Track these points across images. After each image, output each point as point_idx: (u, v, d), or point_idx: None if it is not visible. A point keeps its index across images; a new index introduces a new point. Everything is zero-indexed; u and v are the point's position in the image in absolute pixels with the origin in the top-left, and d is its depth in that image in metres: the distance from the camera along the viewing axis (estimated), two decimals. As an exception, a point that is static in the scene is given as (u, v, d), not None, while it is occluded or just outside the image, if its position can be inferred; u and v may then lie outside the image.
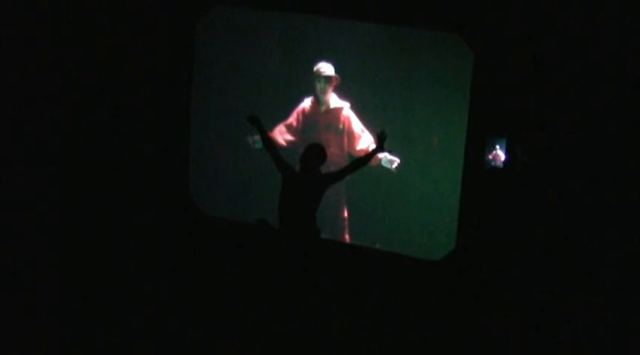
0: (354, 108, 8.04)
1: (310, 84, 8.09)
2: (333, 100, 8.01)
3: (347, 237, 8.25)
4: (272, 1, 8.08)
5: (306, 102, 8.10)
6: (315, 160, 7.05)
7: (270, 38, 8.35)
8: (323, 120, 8.04)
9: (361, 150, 7.91)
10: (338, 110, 8.01)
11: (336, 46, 8.11)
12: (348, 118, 7.99)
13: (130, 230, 8.18)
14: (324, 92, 7.95)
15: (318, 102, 8.03)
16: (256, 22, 8.33)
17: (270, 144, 7.20)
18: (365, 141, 7.95)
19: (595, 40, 6.99)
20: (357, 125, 7.97)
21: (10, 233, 7.29)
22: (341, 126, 8.00)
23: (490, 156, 7.47)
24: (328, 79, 7.91)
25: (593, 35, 6.99)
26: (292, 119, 8.12)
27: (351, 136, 7.99)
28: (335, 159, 7.87)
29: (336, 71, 7.97)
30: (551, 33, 7.13)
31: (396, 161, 7.78)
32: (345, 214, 8.19)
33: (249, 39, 8.38)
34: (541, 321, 6.87)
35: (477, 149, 7.49)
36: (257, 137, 7.49)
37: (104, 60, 8.31)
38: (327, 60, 7.98)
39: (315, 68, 7.97)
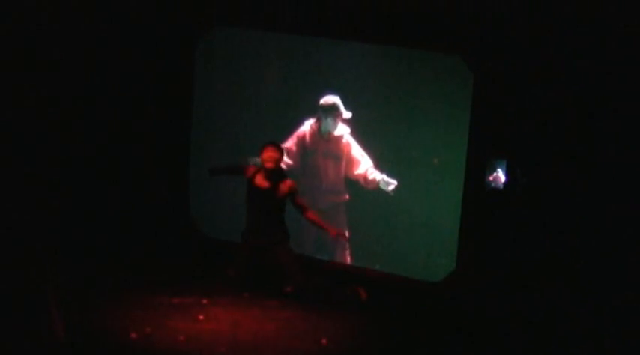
0: (354, 129, 8.06)
1: (309, 104, 8.13)
2: (335, 128, 8.01)
3: (348, 258, 8.26)
4: (272, 22, 8.10)
5: (306, 126, 8.09)
6: (272, 160, 7.21)
7: (270, 59, 8.36)
8: (323, 147, 8.06)
9: (359, 175, 7.96)
10: (338, 138, 8.03)
11: (337, 67, 8.12)
12: (348, 145, 8.02)
13: (131, 252, 8.18)
14: (330, 126, 7.97)
15: (320, 130, 8.04)
16: (256, 43, 8.35)
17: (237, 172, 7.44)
18: (364, 165, 7.97)
19: (595, 63, 7.02)
20: (357, 150, 8.00)
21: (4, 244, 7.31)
22: (340, 153, 8.04)
23: (490, 178, 7.48)
24: (336, 115, 7.93)
25: (593, 58, 7.02)
26: (292, 143, 8.11)
27: (350, 161, 8.02)
28: (332, 187, 8.04)
29: (335, 90, 8.00)
30: (552, 55, 7.15)
31: (393, 184, 7.80)
32: (347, 236, 8.21)
33: (250, 59, 8.40)
34: (542, 342, 6.86)
35: (477, 170, 7.50)
36: (257, 159, 7.51)
37: (106, 81, 8.33)
38: (332, 91, 8.00)
39: (321, 101, 7.96)
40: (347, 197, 8.13)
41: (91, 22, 8.14)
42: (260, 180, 7.27)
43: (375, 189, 7.87)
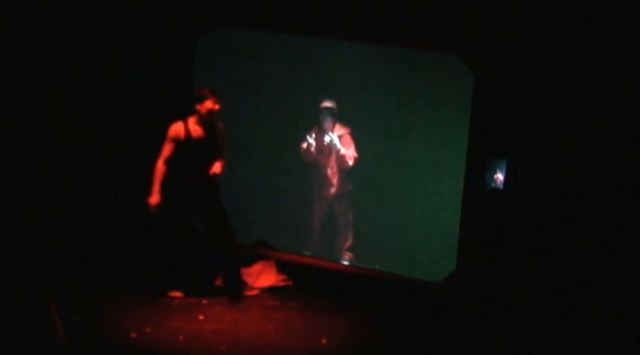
0: (354, 129, 8.16)
1: (309, 104, 8.22)
2: (336, 128, 8.24)
3: (348, 259, 8.31)
4: (272, 23, 8.11)
5: (314, 130, 8.28)
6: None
7: (270, 59, 8.37)
8: (327, 145, 8.27)
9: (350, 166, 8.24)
10: (339, 137, 8.23)
11: (336, 67, 8.13)
12: (347, 143, 8.21)
13: (131, 251, 8.19)
14: (327, 127, 8.22)
15: (321, 130, 8.26)
16: (256, 43, 8.35)
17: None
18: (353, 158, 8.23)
19: (595, 63, 7.03)
20: (351, 148, 8.22)
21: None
22: (341, 151, 8.23)
23: (494, 177, 7.48)
24: (331, 117, 8.22)
25: (593, 57, 7.02)
26: (310, 140, 8.33)
27: (343, 156, 8.26)
28: (336, 179, 8.27)
29: (335, 90, 8.12)
30: (552, 54, 7.16)
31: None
32: (351, 236, 8.31)
33: (250, 59, 8.40)
34: (543, 341, 6.86)
35: (477, 170, 7.51)
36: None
37: (106, 81, 8.34)
38: (332, 91, 8.17)
39: (320, 105, 8.19)
40: (349, 187, 8.29)
41: (91, 21, 8.14)
42: (195, 130, 7.29)
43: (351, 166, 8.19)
